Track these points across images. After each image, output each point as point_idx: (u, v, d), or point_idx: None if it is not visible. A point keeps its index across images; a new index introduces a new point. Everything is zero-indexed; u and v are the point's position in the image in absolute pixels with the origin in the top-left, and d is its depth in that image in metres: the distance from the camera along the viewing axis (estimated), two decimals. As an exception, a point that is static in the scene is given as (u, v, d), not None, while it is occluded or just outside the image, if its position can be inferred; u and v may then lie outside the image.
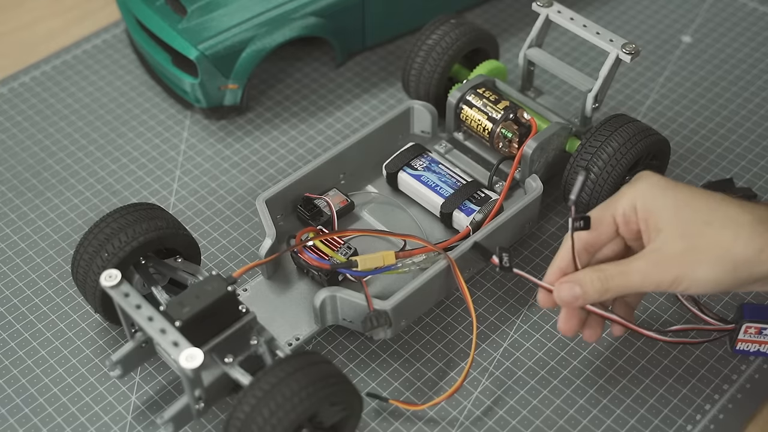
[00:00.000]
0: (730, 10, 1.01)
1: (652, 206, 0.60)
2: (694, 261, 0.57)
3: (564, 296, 0.61)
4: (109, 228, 0.67)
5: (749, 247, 0.56)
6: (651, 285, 0.59)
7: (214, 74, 0.84)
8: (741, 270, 0.57)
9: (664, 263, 0.58)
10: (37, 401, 0.68)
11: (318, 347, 0.71)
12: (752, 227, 0.57)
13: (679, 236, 0.58)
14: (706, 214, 0.58)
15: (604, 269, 0.60)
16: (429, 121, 0.81)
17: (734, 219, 0.57)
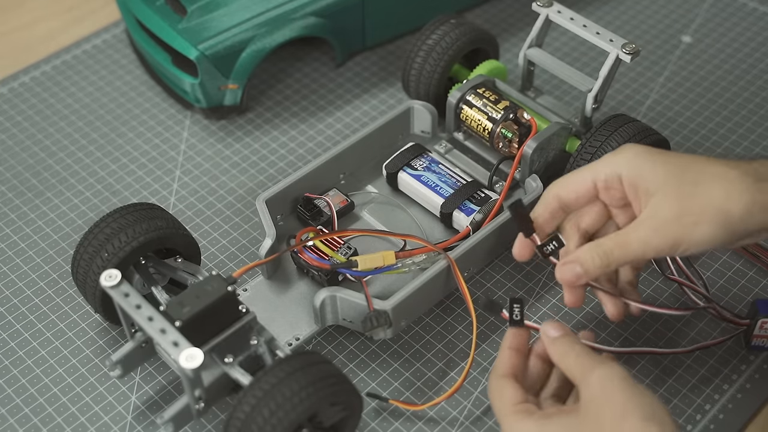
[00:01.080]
0: (730, 10, 1.00)
1: (639, 173, 0.60)
2: (691, 222, 0.58)
3: (567, 277, 0.62)
4: (109, 228, 0.67)
5: (741, 201, 0.57)
6: (651, 252, 0.59)
7: (214, 74, 0.84)
8: (736, 224, 0.58)
9: (662, 228, 0.59)
10: (37, 401, 0.68)
11: (318, 347, 0.71)
12: (740, 181, 0.58)
13: (672, 199, 0.59)
14: (694, 174, 0.59)
15: (602, 244, 0.61)
16: (429, 121, 0.81)
17: (722, 176, 0.58)
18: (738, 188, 0.58)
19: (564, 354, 0.59)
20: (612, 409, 0.54)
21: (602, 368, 0.56)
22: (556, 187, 0.64)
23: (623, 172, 0.61)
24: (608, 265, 0.61)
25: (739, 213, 0.57)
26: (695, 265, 0.74)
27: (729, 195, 0.58)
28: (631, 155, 0.61)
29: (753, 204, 0.57)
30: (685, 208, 0.58)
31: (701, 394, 0.68)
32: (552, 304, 0.74)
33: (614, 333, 0.72)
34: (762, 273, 0.75)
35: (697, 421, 0.66)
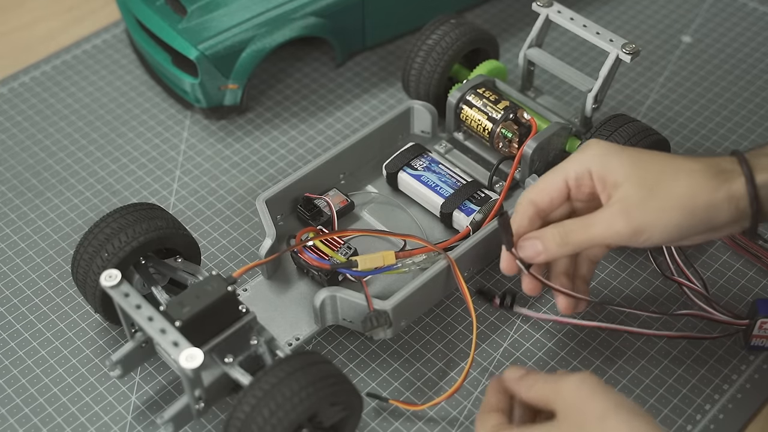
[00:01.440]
0: (730, 10, 1.00)
1: (607, 166, 0.61)
2: (656, 208, 0.59)
3: (527, 253, 0.62)
4: (109, 228, 0.67)
5: (705, 191, 0.58)
6: (613, 235, 0.60)
7: (214, 74, 0.84)
8: (700, 214, 0.58)
9: (627, 212, 0.59)
10: (37, 401, 0.68)
11: (318, 347, 0.71)
12: (704, 173, 0.59)
13: (639, 186, 0.59)
14: (660, 166, 0.60)
15: (566, 224, 0.62)
16: (429, 121, 0.81)
17: (686, 168, 0.60)
18: (701, 180, 0.59)
19: (530, 386, 0.59)
20: (592, 411, 0.54)
21: (572, 378, 0.56)
22: (530, 193, 0.64)
23: (592, 167, 0.62)
24: (568, 244, 0.61)
25: (703, 203, 0.58)
26: (695, 265, 0.74)
27: (693, 186, 0.59)
28: (599, 151, 0.62)
29: (716, 193, 0.58)
30: (651, 194, 0.59)
31: (701, 394, 0.68)
32: (552, 304, 0.74)
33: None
34: (762, 273, 0.75)
35: (697, 421, 0.66)
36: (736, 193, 0.58)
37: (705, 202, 0.58)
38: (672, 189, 0.59)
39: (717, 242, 0.77)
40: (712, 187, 0.58)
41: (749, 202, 0.58)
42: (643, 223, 0.59)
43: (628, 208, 0.59)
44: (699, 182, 0.59)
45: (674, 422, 0.66)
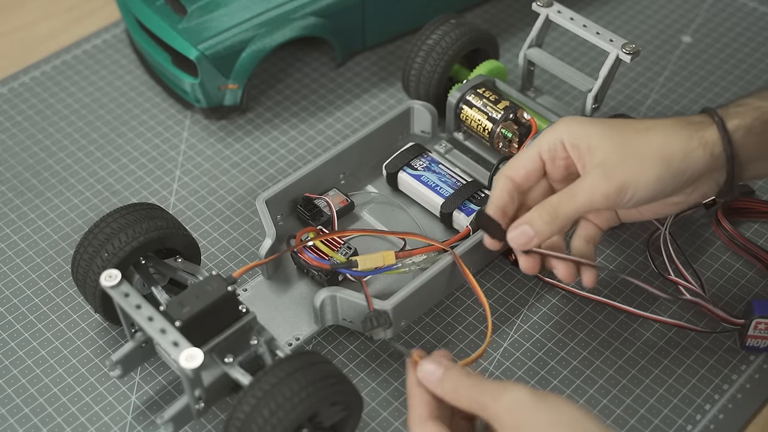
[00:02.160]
0: (730, 10, 1.00)
1: (579, 134, 0.62)
2: (635, 164, 0.60)
3: (519, 241, 0.63)
4: (109, 228, 0.67)
5: (679, 140, 0.60)
6: (599, 198, 0.60)
7: (214, 74, 0.84)
8: (677, 163, 0.60)
9: (607, 173, 0.60)
10: (37, 401, 0.68)
11: (318, 347, 0.71)
12: (674, 126, 0.61)
13: (614, 147, 0.61)
14: (631, 126, 0.62)
15: (549, 200, 0.62)
16: (429, 121, 0.81)
17: (657, 125, 0.62)
18: (674, 131, 0.61)
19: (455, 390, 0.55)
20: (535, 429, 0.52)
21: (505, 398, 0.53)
22: (506, 170, 0.65)
23: (564, 136, 0.63)
24: (557, 218, 0.61)
25: (680, 152, 0.60)
26: (695, 266, 0.74)
27: (667, 138, 0.60)
28: (569, 122, 0.63)
29: (690, 141, 0.60)
30: (628, 153, 0.60)
31: (701, 394, 0.68)
32: (552, 304, 0.74)
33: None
34: (761, 273, 0.75)
35: (697, 421, 0.66)
36: (709, 140, 0.60)
37: (680, 150, 0.60)
38: (647, 143, 0.60)
39: (717, 242, 0.77)
40: (685, 136, 0.60)
41: (722, 148, 0.60)
42: (624, 181, 0.60)
43: (607, 170, 0.60)
44: (672, 133, 0.60)
45: (674, 422, 0.66)
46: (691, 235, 0.78)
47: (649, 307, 0.73)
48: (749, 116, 0.61)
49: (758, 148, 0.62)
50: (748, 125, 0.61)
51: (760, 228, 0.78)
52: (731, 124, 0.61)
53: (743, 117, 0.61)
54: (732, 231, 0.75)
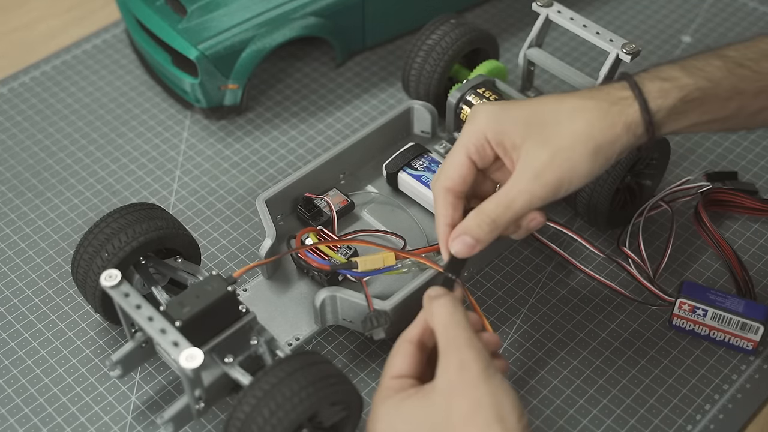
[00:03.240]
0: (730, 10, 1.01)
1: (501, 129, 0.61)
2: (565, 159, 0.59)
3: (461, 251, 0.62)
4: (109, 228, 0.67)
5: (604, 126, 0.59)
6: (537, 201, 0.60)
7: (214, 74, 0.84)
8: (606, 149, 0.59)
9: (540, 175, 0.59)
10: (37, 401, 0.68)
11: (318, 347, 0.71)
12: (598, 108, 0.60)
13: (540, 144, 0.60)
14: (552, 115, 0.60)
15: (486, 209, 0.61)
16: (429, 121, 0.81)
17: (579, 108, 0.60)
18: (597, 115, 0.59)
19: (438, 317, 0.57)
20: (464, 402, 0.53)
21: (462, 353, 0.54)
22: (441, 182, 0.63)
23: (488, 134, 0.61)
24: (497, 227, 0.61)
25: (606, 138, 0.59)
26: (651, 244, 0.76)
27: (591, 124, 0.59)
28: (488, 115, 0.62)
29: (614, 126, 0.59)
30: (555, 148, 0.59)
31: (701, 394, 0.68)
32: (552, 304, 0.74)
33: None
34: (725, 266, 0.75)
35: (697, 421, 0.66)
36: (632, 121, 0.59)
37: (606, 138, 0.59)
38: (572, 133, 0.59)
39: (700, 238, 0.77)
40: (610, 123, 0.59)
41: (645, 128, 0.60)
42: (558, 180, 0.59)
43: (538, 172, 0.59)
44: (597, 122, 0.59)
45: (674, 422, 0.66)
46: (687, 221, 0.79)
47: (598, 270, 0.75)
48: (673, 96, 0.60)
49: (678, 122, 0.61)
50: (669, 106, 0.60)
51: (747, 222, 0.79)
52: (654, 104, 0.59)
53: (666, 97, 0.60)
54: (707, 222, 0.76)
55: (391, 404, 0.56)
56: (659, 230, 0.78)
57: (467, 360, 0.54)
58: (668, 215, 0.78)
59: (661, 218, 0.79)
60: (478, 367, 0.54)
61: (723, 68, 0.61)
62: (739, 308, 0.68)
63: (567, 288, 0.75)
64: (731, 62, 0.61)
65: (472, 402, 0.53)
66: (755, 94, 0.61)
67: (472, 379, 0.54)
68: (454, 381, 0.54)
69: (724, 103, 0.61)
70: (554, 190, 0.59)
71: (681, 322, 0.70)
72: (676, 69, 0.61)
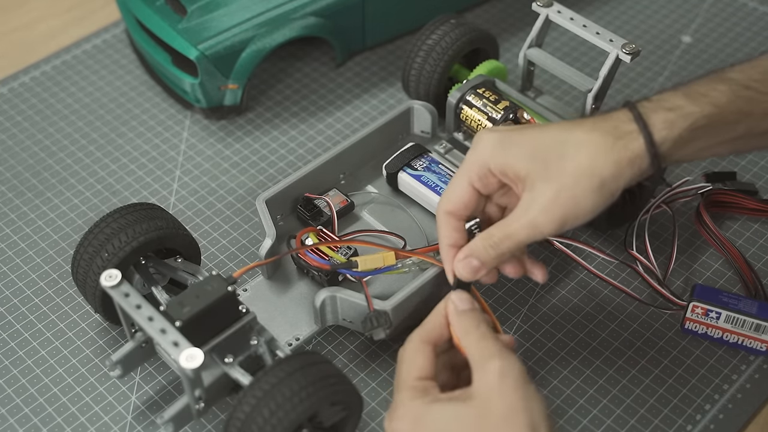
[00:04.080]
0: (730, 10, 1.01)
1: (504, 160, 0.61)
2: (569, 197, 0.59)
3: (466, 274, 0.62)
4: (109, 228, 0.67)
5: (608, 162, 0.58)
6: (541, 236, 0.60)
7: (214, 74, 0.84)
8: (609, 185, 0.59)
9: (544, 212, 0.59)
10: (37, 401, 0.68)
11: (318, 347, 0.71)
12: (603, 143, 0.59)
13: (544, 180, 0.59)
14: (557, 147, 0.60)
15: (492, 235, 0.61)
16: (429, 121, 0.81)
17: (585, 142, 0.59)
18: (602, 150, 0.58)
19: (467, 331, 0.59)
20: (502, 406, 0.54)
21: (501, 360, 0.56)
22: (443, 206, 0.64)
23: (491, 164, 0.61)
24: (502, 255, 0.61)
25: (610, 174, 0.58)
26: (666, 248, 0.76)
27: (596, 159, 0.58)
28: (492, 144, 0.61)
29: (619, 162, 0.58)
30: (559, 185, 0.59)
31: (701, 394, 0.68)
32: (552, 304, 0.74)
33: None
34: (725, 266, 0.75)
35: (697, 421, 0.66)
36: (637, 156, 0.58)
37: (610, 173, 0.58)
38: (577, 169, 0.58)
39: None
40: (615, 158, 0.58)
41: (650, 162, 0.59)
42: (562, 216, 0.59)
43: (544, 207, 0.59)
44: (601, 152, 0.58)
45: (674, 422, 0.66)
46: (687, 221, 0.79)
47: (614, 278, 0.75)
48: (678, 126, 0.59)
49: (683, 151, 0.60)
50: (675, 136, 0.59)
51: (747, 222, 0.79)
52: (659, 136, 0.58)
53: (672, 127, 0.58)
54: (710, 224, 0.76)
55: (421, 406, 0.57)
56: (659, 230, 0.78)
57: (507, 367, 0.56)
58: (667, 215, 0.78)
59: (661, 218, 0.79)
60: (517, 373, 0.56)
61: (728, 92, 0.60)
62: (753, 310, 0.68)
63: (567, 288, 0.75)
64: (736, 85, 0.60)
65: (511, 404, 0.54)
66: (763, 115, 0.60)
67: (513, 383, 0.55)
68: (494, 384, 0.55)
69: (731, 127, 0.60)
70: (559, 225, 0.59)
71: (693, 325, 0.70)
72: (680, 97, 0.60)
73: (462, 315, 0.60)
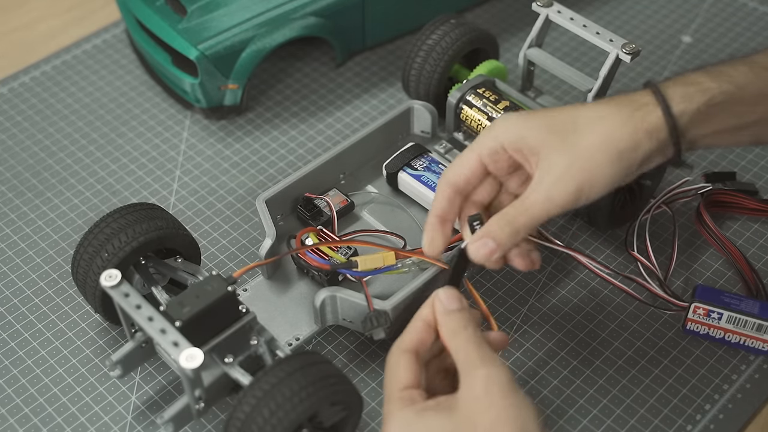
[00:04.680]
0: (730, 10, 1.01)
1: (520, 136, 0.60)
2: (584, 168, 0.58)
3: (482, 254, 0.61)
4: (109, 228, 0.67)
5: (625, 133, 0.58)
6: (556, 208, 0.59)
7: (214, 74, 0.84)
8: (626, 156, 0.58)
9: (559, 182, 0.59)
10: (37, 401, 0.68)
11: (318, 347, 0.71)
12: (618, 114, 0.59)
13: (559, 151, 0.59)
14: (572, 122, 0.59)
15: (507, 213, 0.61)
16: (429, 121, 0.81)
17: (597, 115, 0.59)
18: (618, 121, 0.58)
19: (454, 333, 0.57)
20: (489, 414, 0.53)
21: (486, 368, 0.54)
22: (447, 174, 0.64)
23: (504, 140, 0.61)
24: (518, 233, 0.60)
25: (627, 145, 0.58)
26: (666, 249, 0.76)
27: (612, 130, 0.58)
28: (508, 123, 0.61)
29: (636, 132, 0.58)
30: (574, 155, 0.58)
31: (701, 394, 0.68)
32: (552, 304, 0.74)
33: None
34: (726, 266, 0.75)
35: (697, 421, 0.66)
36: (654, 127, 0.58)
37: (627, 144, 0.58)
38: (593, 141, 0.58)
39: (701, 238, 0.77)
40: (631, 129, 0.58)
41: (668, 133, 0.58)
42: (579, 186, 0.58)
43: (558, 178, 0.59)
44: (616, 127, 0.58)
45: (674, 422, 0.66)
46: (688, 221, 0.79)
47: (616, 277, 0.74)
48: (696, 100, 0.59)
49: (704, 127, 0.60)
50: (693, 110, 0.58)
51: (747, 222, 0.79)
52: (677, 109, 0.58)
53: (690, 101, 0.58)
54: (710, 224, 0.76)
55: (409, 415, 0.55)
56: (659, 230, 0.78)
57: (493, 375, 0.54)
58: (667, 216, 0.78)
59: (661, 218, 0.79)
60: (503, 381, 0.54)
61: (748, 72, 0.60)
62: (755, 310, 0.68)
63: (567, 288, 0.75)
64: (758, 67, 0.60)
65: (497, 415, 0.53)
66: None
67: (499, 392, 0.54)
68: (480, 394, 0.54)
69: (750, 108, 0.60)
70: (574, 197, 0.59)
71: (695, 326, 0.70)
72: (700, 74, 0.60)
73: (449, 315, 0.58)
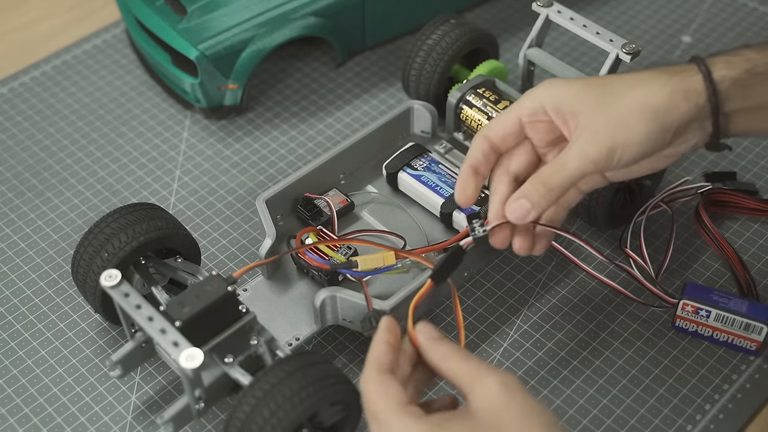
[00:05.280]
0: (730, 10, 1.01)
1: (561, 97, 0.61)
2: (621, 125, 0.59)
3: (517, 214, 0.61)
4: (109, 228, 0.67)
5: (662, 93, 0.59)
6: (590, 164, 0.59)
7: (214, 74, 0.84)
8: (663, 116, 0.59)
9: (594, 138, 0.59)
10: (37, 401, 0.68)
11: (318, 347, 0.71)
12: (657, 78, 0.60)
13: (597, 109, 0.60)
14: (612, 86, 0.61)
15: (541, 172, 0.61)
16: (429, 121, 0.81)
17: (635, 80, 0.60)
18: (656, 84, 0.59)
19: (447, 356, 0.56)
20: (512, 416, 0.52)
21: (499, 373, 0.54)
22: (484, 130, 0.64)
23: (546, 102, 0.62)
24: (552, 189, 0.60)
25: (664, 104, 0.58)
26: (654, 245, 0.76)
27: (649, 92, 0.59)
28: (550, 86, 0.62)
29: (674, 93, 0.59)
30: (612, 113, 0.59)
31: (701, 394, 0.68)
32: (552, 304, 0.74)
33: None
34: (724, 266, 0.75)
35: (697, 421, 0.66)
36: (693, 89, 0.59)
37: (664, 103, 0.58)
38: (630, 101, 0.59)
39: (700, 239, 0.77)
40: (669, 91, 0.59)
41: (707, 99, 0.59)
42: (613, 142, 0.59)
43: (594, 134, 0.59)
44: (655, 88, 0.59)
45: (674, 422, 0.66)
46: (687, 221, 0.79)
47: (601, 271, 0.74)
48: (738, 67, 0.59)
49: (744, 100, 0.60)
50: (735, 77, 0.59)
51: (747, 222, 0.79)
52: (718, 75, 0.59)
53: (732, 68, 0.59)
54: (708, 223, 0.76)
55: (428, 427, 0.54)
56: (659, 230, 0.78)
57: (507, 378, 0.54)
58: (667, 215, 0.78)
59: (661, 218, 0.79)
60: (517, 384, 0.54)
61: None
62: (743, 309, 0.68)
63: (567, 288, 0.75)
64: None
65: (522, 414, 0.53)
66: None
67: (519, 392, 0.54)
68: (501, 397, 0.53)
69: None
70: (608, 154, 0.59)
71: (684, 323, 0.70)
72: (747, 48, 0.61)
73: (437, 342, 0.57)
